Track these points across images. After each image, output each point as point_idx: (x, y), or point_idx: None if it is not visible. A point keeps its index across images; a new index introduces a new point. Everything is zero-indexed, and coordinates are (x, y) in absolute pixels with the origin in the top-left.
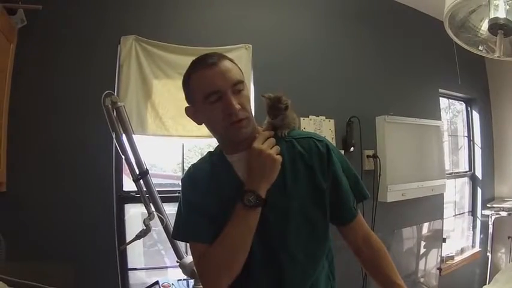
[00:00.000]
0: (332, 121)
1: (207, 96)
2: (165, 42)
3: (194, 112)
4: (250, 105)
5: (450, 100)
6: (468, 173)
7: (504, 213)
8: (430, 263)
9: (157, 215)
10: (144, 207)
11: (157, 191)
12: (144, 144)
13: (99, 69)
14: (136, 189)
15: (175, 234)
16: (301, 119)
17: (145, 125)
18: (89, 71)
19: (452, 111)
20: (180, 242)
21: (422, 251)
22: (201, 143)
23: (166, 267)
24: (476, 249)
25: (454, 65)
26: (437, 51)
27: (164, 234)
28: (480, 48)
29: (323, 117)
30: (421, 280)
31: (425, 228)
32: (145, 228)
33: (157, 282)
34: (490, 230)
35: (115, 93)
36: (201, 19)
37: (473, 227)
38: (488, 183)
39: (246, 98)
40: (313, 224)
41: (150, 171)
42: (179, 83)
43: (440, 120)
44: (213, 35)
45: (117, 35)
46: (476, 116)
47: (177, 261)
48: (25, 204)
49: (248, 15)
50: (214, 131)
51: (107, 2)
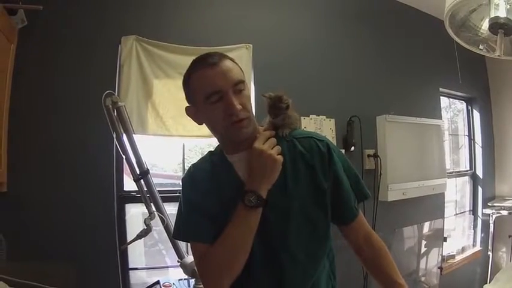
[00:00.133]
0: (333, 120)
1: (208, 96)
2: (165, 42)
3: (195, 112)
4: (251, 105)
5: (451, 99)
6: (469, 172)
7: (505, 212)
8: (431, 262)
9: (158, 215)
10: (144, 207)
11: (158, 190)
12: (144, 144)
13: (100, 69)
14: (137, 189)
15: (176, 234)
16: (302, 118)
17: (146, 124)
18: (89, 71)
19: (452, 110)
20: (180, 241)
21: (423, 250)
22: (201, 142)
23: (167, 267)
24: (477, 248)
25: (454, 64)
26: (437, 51)
27: (165, 234)
28: (481, 47)
29: (324, 117)
30: (422, 279)
31: (426, 227)
32: (146, 228)
33: (158, 282)
34: (491, 229)
35: (115, 93)
36: (201, 19)
37: (474, 226)
38: (489, 182)
39: (247, 97)
40: (314, 224)
41: (150, 171)
42: (180, 82)
43: (441, 119)
44: (214, 34)
45: (118, 35)
46: (476, 115)
47: (178, 261)
48: (26, 204)
49: (248, 15)
50: (215, 131)
51: (107, 2)
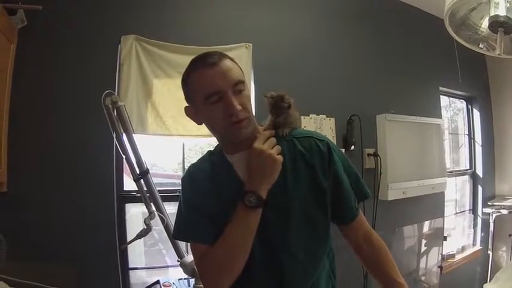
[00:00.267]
0: (333, 120)
1: (208, 96)
2: (165, 41)
3: (194, 112)
4: (251, 105)
5: (451, 98)
6: (469, 171)
7: (505, 211)
8: (431, 261)
9: (158, 215)
10: (144, 207)
11: (158, 190)
12: (144, 143)
13: (100, 69)
14: (137, 189)
15: (175, 234)
16: (302, 117)
17: (146, 124)
18: (89, 70)
19: (452, 109)
20: (180, 241)
21: (423, 249)
22: (201, 142)
23: (167, 267)
24: (477, 247)
25: (454, 63)
26: (437, 49)
27: (165, 234)
28: (481, 46)
29: (323, 116)
30: (422, 278)
31: (426, 226)
32: (146, 227)
33: (158, 282)
34: (491, 228)
35: (115, 93)
36: (201, 18)
37: (474, 225)
38: (489, 181)
39: (247, 98)
40: (314, 224)
41: (150, 171)
42: (179, 82)
43: (441, 118)
44: (213, 34)
45: (117, 34)
46: (476, 114)
47: (178, 261)
48: (26, 204)
49: (248, 15)
50: (215, 131)
51: (107, 2)
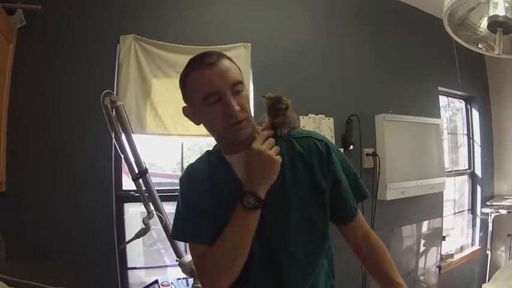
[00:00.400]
0: (331, 119)
1: (206, 97)
2: (164, 41)
3: (192, 112)
4: (250, 106)
5: (450, 98)
6: (468, 171)
7: (504, 211)
8: (429, 261)
9: (157, 214)
10: (143, 206)
11: (157, 190)
12: (143, 143)
13: (98, 68)
14: (135, 189)
15: (174, 234)
16: (301, 117)
17: (145, 124)
18: (88, 70)
19: (451, 109)
20: (179, 241)
21: (422, 249)
22: (200, 142)
23: (166, 266)
24: (476, 247)
25: (453, 63)
26: (436, 49)
27: (163, 233)
28: (479, 46)
29: (322, 116)
30: (421, 278)
31: (424, 226)
32: (144, 227)
33: (156, 281)
34: (490, 228)
35: (114, 93)
36: (200, 18)
37: (473, 225)
38: (488, 181)
39: (246, 98)
40: (313, 224)
41: (149, 170)
42: (178, 82)
43: (440, 118)
44: (212, 34)
45: (116, 34)
46: (475, 114)
47: (177, 260)
48: (25, 204)
49: (247, 14)
50: (213, 131)
51: (106, 2)
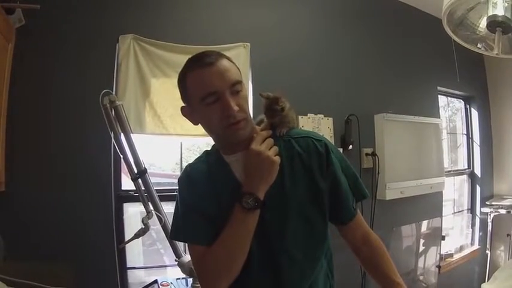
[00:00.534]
0: (330, 119)
1: (204, 97)
2: (163, 41)
3: (190, 112)
4: (249, 106)
5: (449, 98)
6: (467, 170)
7: (503, 211)
8: (429, 261)
9: (156, 214)
10: (142, 206)
11: (156, 189)
12: (142, 143)
13: (98, 68)
14: (134, 188)
15: (173, 235)
16: (300, 117)
17: (144, 124)
18: (87, 70)
19: (451, 109)
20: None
21: (421, 248)
22: (199, 141)
23: (165, 266)
24: (475, 246)
25: (452, 62)
26: (435, 49)
27: (163, 233)
28: (479, 45)
29: (321, 116)
30: (420, 278)
31: (424, 226)
32: (144, 227)
33: (156, 281)
34: (489, 228)
35: (113, 92)
36: (199, 18)
37: (472, 225)
38: (487, 181)
39: (244, 98)
40: (312, 224)
41: (148, 170)
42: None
43: (439, 118)
44: (211, 33)
45: (115, 34)
46: (475, 114)
47: (176, 260)
48: (24, 203)
49: (246, 14)
50: (211, 132)
51: (105, 2)
